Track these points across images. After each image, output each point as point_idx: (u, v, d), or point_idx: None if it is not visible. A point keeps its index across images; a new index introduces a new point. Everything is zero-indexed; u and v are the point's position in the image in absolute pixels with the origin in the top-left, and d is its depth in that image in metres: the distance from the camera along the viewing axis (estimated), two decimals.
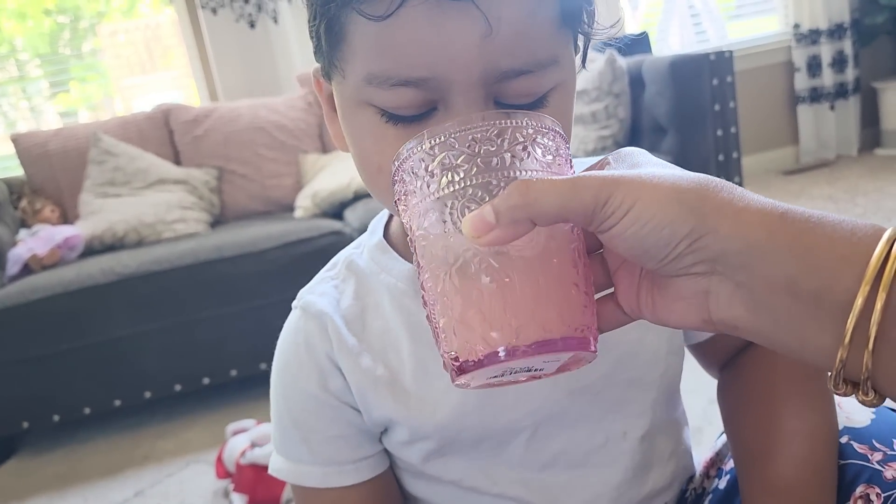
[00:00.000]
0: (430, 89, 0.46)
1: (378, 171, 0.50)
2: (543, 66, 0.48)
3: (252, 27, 3.22)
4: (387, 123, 0.49)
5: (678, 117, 2.34)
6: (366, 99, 0.49)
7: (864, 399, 0.34)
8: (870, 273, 0.31)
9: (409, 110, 0.48)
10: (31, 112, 3.47)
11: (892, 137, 3.91)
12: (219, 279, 2.13)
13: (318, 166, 2.73)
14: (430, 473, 0.64)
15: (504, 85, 0.47)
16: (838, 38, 3.92)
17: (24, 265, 2.27)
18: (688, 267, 0.36)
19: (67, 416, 2.14)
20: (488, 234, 0.36)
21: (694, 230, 0.35)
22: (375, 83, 0.47)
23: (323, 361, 0.62)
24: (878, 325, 0.31)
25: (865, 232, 0.33)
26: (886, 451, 0.55)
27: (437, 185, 0.38)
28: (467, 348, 0.38)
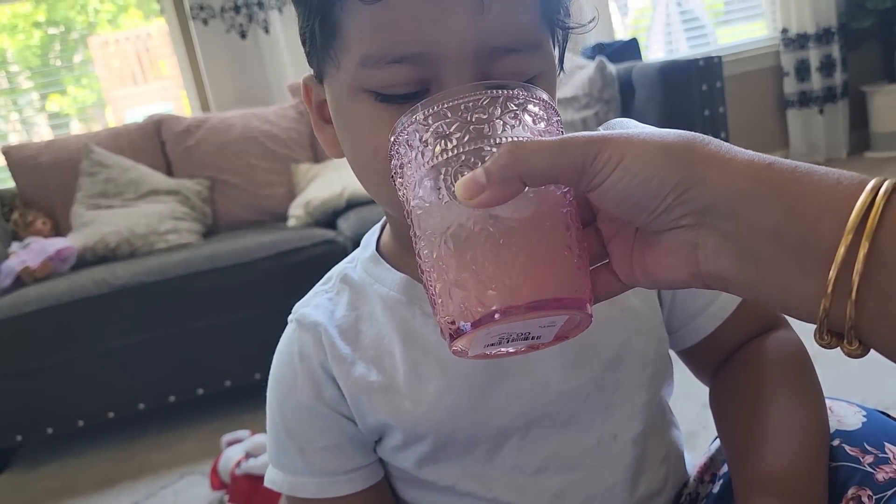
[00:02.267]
0: (424, 66, 0.48)
1: (374, 154, 0.52)
2: (531, 48, 0.51)
3: (243, 38, 3.22)
4: (381, 105, 0.50)
5: (668, 123, 2.35)
6: (360, 84, 0.51)
7: (850, 349, 0.35)
8: (852, 221, 0.32)
9: (403, 88, 0.49)
10: (22, 124, 3.47)
11: (881, 140, 3.94)
12: (212, 289, 2.12)
13: (311, 175, 2.73)
14: (424, 480, 0.64)
15: (494, 63, 0.49)
16: (826, 42, 3.95)
17: (16, 278, 2.26)
18: (677, 219, 0.37)
19: (61, 429, 2.13)
20: (480, 196, 0.36)
21: (682, 180, 0.36)
22: (370, 64, 0.49)
23: (317, 371, 0.63)
24: (860, 274, 0.32)
25: (851, 181, 0.33)
26: (878, 453, 0.56)
27: (430, 153, 0.39)
28: (463, 311, 0.38)
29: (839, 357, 1.43)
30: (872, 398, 1.58)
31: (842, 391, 1.62)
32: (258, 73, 3.27)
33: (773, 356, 0.64)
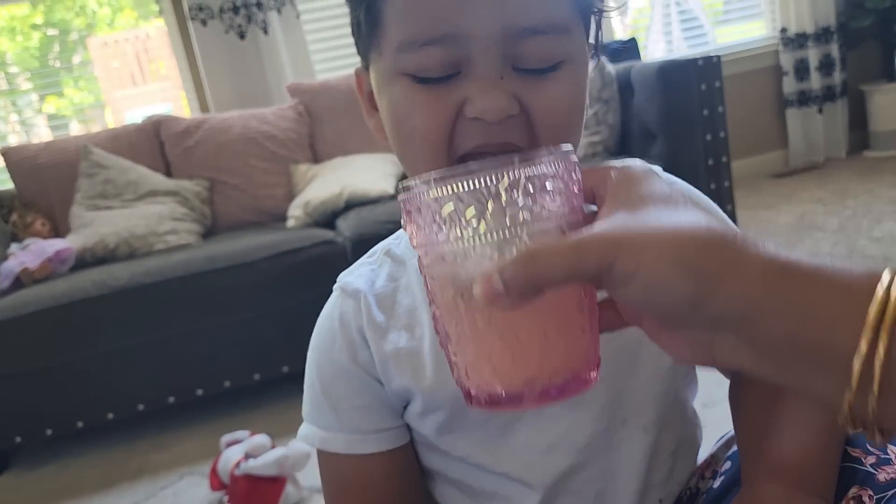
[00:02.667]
0: (455, 48, 0.53)
1: (411, 133, 0.56)
2: (557, 30, 0.54)
3: (242, 38, 3.22)
4: (417, 86, 0.55)
5: (667, 122, 2.35)
6: (399, 68, 0.55)
7: (872, 440, 0.35)
8: (869, 323, 0.32)
9: (437, 71, 0.54)
10: (21, 125, 3.46)
11: (881, 139, 3.95)
12: (211, 290, 2.12)
13: (310, 176, 2.73)
14: (442, 448, 0.67)
15: (521, 45, 0.53)
16: (825, 41, 3.95)
17: (15, 279, 2.26)
18: (691, 325, 0.38)
19: (60, 430, 2.13)
20: (497, 301, 0.37)
21: (695, 295, 0.36)
22: (405, 48, 0.54)
23: (354, 336, 0.67)
24: (882, 369, 0.32)
25: (861, 283, 0.34)
26: (880, 454, 0.56)
27: (445, 235, 0.39)
28: (476, 389, 0.40)
29: None
30: None
31: None
32: (257, 74, 3.27)
33: None
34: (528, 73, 0.54)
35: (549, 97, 0.55)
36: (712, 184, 2.39)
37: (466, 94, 0.54)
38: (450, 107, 0.55)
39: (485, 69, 0.53)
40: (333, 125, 2.87)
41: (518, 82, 0.54)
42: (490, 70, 0.53)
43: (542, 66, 0.54)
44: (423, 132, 0.56)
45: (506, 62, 0.53)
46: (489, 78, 0.53)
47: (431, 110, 0.55)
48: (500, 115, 0.53)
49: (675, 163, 2.35)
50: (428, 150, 0.56)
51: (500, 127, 0.54)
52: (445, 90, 0.54)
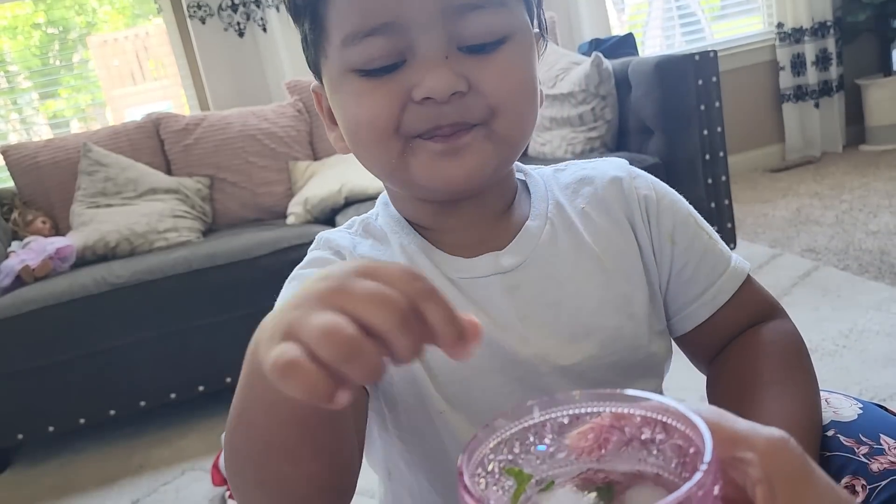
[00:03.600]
0: (396, 35, 0.53)
1: (358, 123, 0.58)
2: (496, 4, 0.55)
3: (241, 36, 3.23)
4: (364, 80, 0.56)
5: (664, 118, 2.36)
6: (345, 65, 0.56)
7: None
8: None
9: (380, 61, 0.55)
10: (21, 124, 3.47)
11: (877, 133, 3.96)
12: (212, 287, 2.13)
13: (309, 173, 2.74)
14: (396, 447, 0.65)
15: (461, 22, 0.54)
16: (821, 36, 3.96)
17: (16, 277, 2.27)
18: None
19: (62, 427, 2.14)
20: None
21: None
22: (349, 42, 0.55)
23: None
24: None
25: None
26: (873, 444, 0.57)
27: None
28: None
29: (836, 349, 1.47)
30: (869, 389, 1.60)
31: (839, 382, 1.65)
32: (256, 72, 3.27)
33: (770, 345, 0.65)
34: (473, 52, 0.55)
35: (498, 71, 0.56)
36: (709, 178, 2.40)
37: (413, 79, 0.55)
38: (397, 94, 0.55)
39: (428, 51, 0.54)
40: None
41: (465, 62, 0.55)
42: (433, 51, 0.54)
43: (486, 41, 0.55)
44: (370, 119, 0.56)
45: (449, 43, 0.54)
46: (433, 59, 0.54)
47: (378, 97, 0.56)
48: (447, 91, 0.54)
49: (672, 158, 2.36)
50: (376, 135, 0.57)
51: (451, 107, 0.55)
52: (392, 80, 0.55)
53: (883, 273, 2.22)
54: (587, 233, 0.66)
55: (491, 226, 0.66)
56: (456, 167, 0.57)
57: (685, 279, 0.67)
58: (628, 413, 0.36)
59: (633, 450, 0.36)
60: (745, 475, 0.36)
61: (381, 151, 0.58)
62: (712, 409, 0.37)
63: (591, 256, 0.65)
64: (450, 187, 0.59)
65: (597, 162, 0.73)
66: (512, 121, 0.58)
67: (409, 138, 0.57)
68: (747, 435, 0.37)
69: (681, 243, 0.67)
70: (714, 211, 2.42)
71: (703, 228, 0.69)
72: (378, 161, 0.60)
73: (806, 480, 0.37)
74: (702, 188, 2.39)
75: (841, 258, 2.42)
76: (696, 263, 0.67)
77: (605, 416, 0.37)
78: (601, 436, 0.36)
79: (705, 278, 0.67)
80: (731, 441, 0.36)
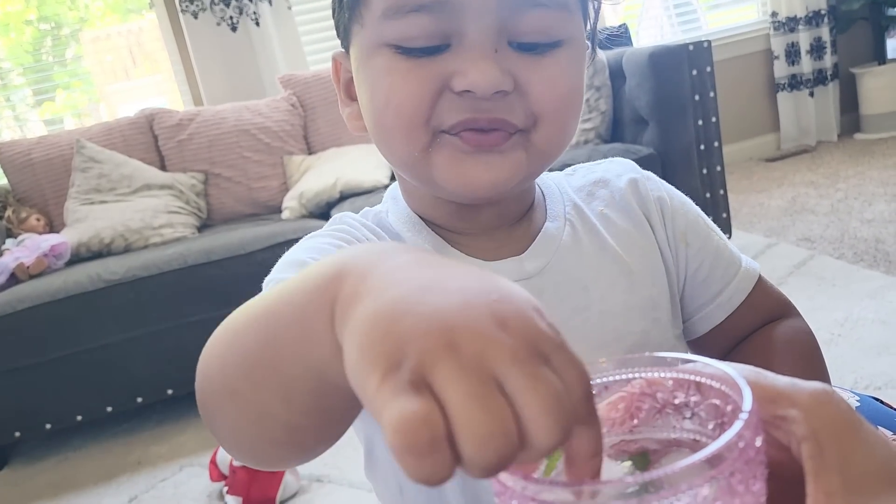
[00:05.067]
0: (444, 16, 0.48)
1: (386, 105, 0.52)
2: (558, 5, 0.51)
3: (234, 31, 3.21)
4: (399, 57, 0.51)
5: (659, 108, 2.36)
6: (382, 38, 0.51)
7: None
8: None
9: (422, 41, 0.50)
10: (15, 121, 3.45)
11: (872, 122, 3.96)
12: (208, 282, 2.13)
13: (304, 167, 2.73)
14: None
15: (519, 17, 0.49)
16: (816, 25, 3.96)
17: (10, 275, 2.26)
18: None
19: (59, 424, 2.14)
20: None
21: None
22: (391, 14, 0.50)
23: (362, 243, 0.60)
24: None
25: None
26: None
27: None
28: None
29: (832, 338, 1.47)
30: (865, 378, 1.60)
31: (835, 371, 1.65)
32: (249, 66, 3.26)
33: (783, 343, 0.64)
34: (525, 51, 0.51)
35: (549, 76, 0.52)
36: (704, 168, 2.40)
37: (455, 67, 0.50)
38: (434, 79, 0.50)
39: (477, 40, 0.49)
40: (327, 116, 2.87)
41: (514, 59, 0.51)
42: (483, 41, 0.50)
43: (540, 41, 0.51)
44: (400, 102, 0.51)
45: (501, 35, 0.50)
46: (482, 50, 0.50)
47: (412, 79, 0.51)
48: (492, 87, 0.49)
49: (667, 148, 2.36)
50: (403, 123, 0.52)
51: (491, 103, 0.51)
52: (431, 63, 0.50)
53: (878, 261, 2.22)
54: (609, 235, 0.64)
55: (509, 231, 0.62)
56: (483, 171, 0.53)
57: (700, 280, 0.66)
58: (659, 378, 0.34)
59: (666, 417, 0.34)
60: (789, 434, 0.34)
61: (404, 140, 0.53)
62: (750, 368, 0.35)
63: (615, 259, 0.63)
64: (472, 192, 0.54)
65: (604, 163, 0.70)
66: (553, 132, 0.54)
67: (438, 132, 0.52)
68: (789, 391, 0.35)
69: (694, 244, 0.66)
70: (709, 201, 2.42)
71: (712, 230, 0.68)
72: (399, 150, 0.55)
73: (854, 434, 0.34)
74: (697, 178, 2.39)
75: (836, 247, 2.42)
76: (711, 265, 0.66)
77: (634, 384, 0.35)
78: (632, 405, 0.35)
79: (720, 280, 0.66)
80: (772, 399, 0.34)
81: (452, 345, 0.25)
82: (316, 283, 0.33)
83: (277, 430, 0.39)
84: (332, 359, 0.31)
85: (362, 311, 0.28)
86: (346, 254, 0.33)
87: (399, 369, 0.25)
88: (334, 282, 0.31)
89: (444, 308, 0.27)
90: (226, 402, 0.42)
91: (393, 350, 0.26)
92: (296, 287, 0.35)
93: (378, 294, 0.28)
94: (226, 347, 0.42)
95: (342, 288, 0.31)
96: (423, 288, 0.28)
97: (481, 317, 0.26)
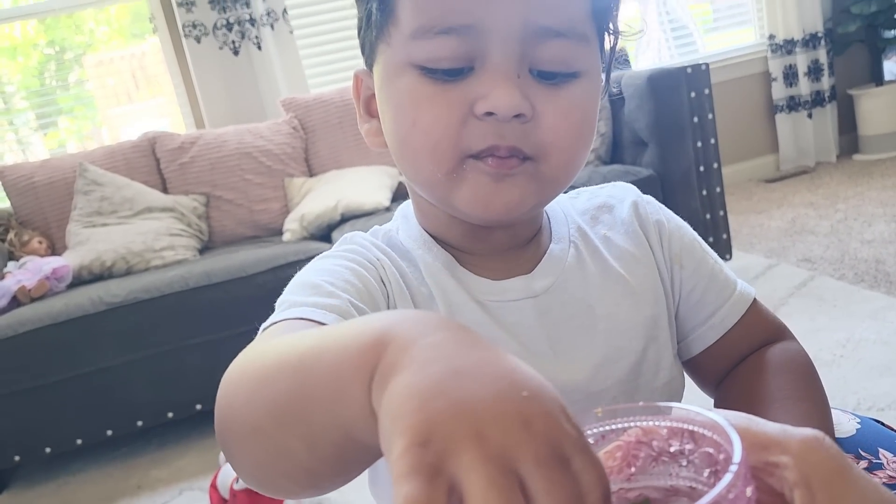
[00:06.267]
0: (470, 39, 0.51)
1: (412, 125, 0.54)
2: (577, 36, 0.53)
3: (236, 54, 3.24)
4: (425, 79, 0.53)
5: (658, 130, 2.38)
6: (409, 58, 0.53)
7: None
8: None
9: (448, 63, 0.52)
10: (18, 144, 3.47)
11: (870, 143, 3.98)
12: (209, 305, 2.13)
13: (305, 190, 2.74)
14: None
15: (541, 46, 0.52)
16: (813, 47, 3.99)
17: (12, 297, 2.26)
18: None
19: (59, 448, 2.13)
20: None
21: None
22: (419, 35, 0.52)
23: (374, 265, 0.61)
24: None
25: None
26: (872, 459, 0.57)
27: None
28: None
29: (833, 359, 1.47)
30: (867, 399, 1.60)
31: (837, 393, 1.65)
32: (251, 90, 3.28)
33: (779, 365, 0.65)
34: (543, 79, 0.53)
35: (563, 107, 0.54)
36: (704, 190, 2.41)
37: (478, 91, 0.52)
38: (459, 104, 0.52)
39: (501, 64, 0.51)
40: (327, 139, 2.89)
41: (534, 87, 0.53)
42: (506, 66, 0.52)
43: (560, 70, 0.53)
44: (428, 125, 0.53)
45: (523, 62, 0.52)
46: (505, 74, 0.52)
47: (439, 103, 0.53)
48: (512, 110, 0.51)
49: (667, 170, 2.37)
50: (431, 145, 0.54)
51: (511, 128, 0.52)
52: (455, 86, 0.52)
53: (879, 282, 2.22)
54: (611, 256, 0.66)
55: (518, 253, 0.64)
56: (498, 195, 0.55)
57: (694, 302, 0.68)
58: (654, 426, 0.35)
59: (663, 464, 0.35)
60: (781, 480, 0.35)
61: (430, 161, 0.55)
62: (740, 415, 0.36)
63: (617, 279, 0.65)
64: (487, 215, 0.56)
65: (607, 188, 0.73)
66: (562, 163, 0.56)
67: (464, 158, 0.54)
68: (779, 438, 0.36)
69: (688, 266, 0.68)
70: (709, 222, 2.43)
71: (708, 253, 0.70)
72: (423, 170, 0.57)
73: (845, 479, 0.35)
74: (696, 199, 2.40)
75: (837, 268, 2.42)
76: (704, 287, 0.68)
77: (631, 433, 0.36)
78: (629, 453, 0.36)
79: (713, 302, 0.68)
80: (763, 445, 0.35)
81: (479, 435, 0.26)
82: (357, 347, 0.34)
83: (296, 469, 0.40)
84: (362, 420, 0.32)
85: (400, 382, 0.30)
86: (388, 320, 0.35)
87: (423, 446, 0.26)
88: (376, 348, 0.33)
89: (475, 397, 0.28)
90: (248, 434, 0.42)
91: (422, 427, 0.27)
92: (334, 345, 0.36)
93: (416, 369, 0.30)
94: (254, 385, 0.42)
95: (383, 356, 0.32)
96: (459, 372, 0.29)
97: (510, 412, 0.27)
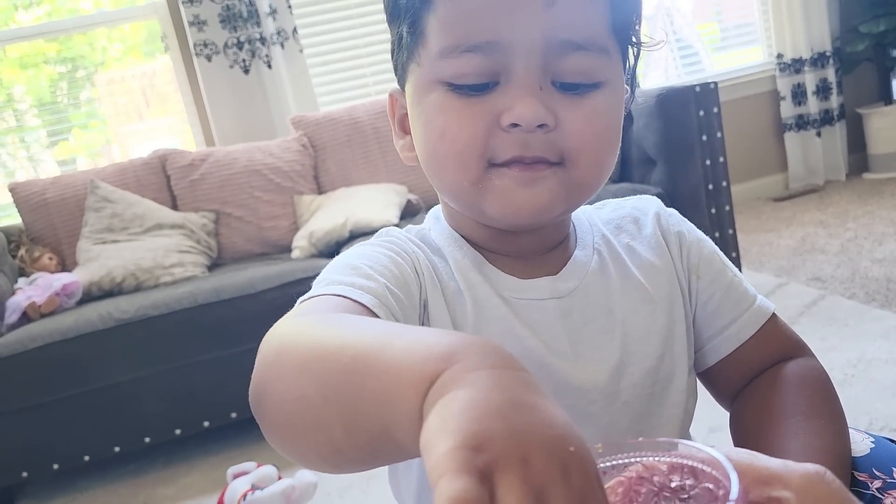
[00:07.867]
0: (495, 56, 0.54)
1: (440, 137, 0.57)
2: (598, 49, 0.55)
3: (246, 73, 3.27)
4: (452, 94, 0.56)
5: (666, 149, 2.38)
6: (437, 76, 0.57)
7: None
8: None
9: (473, 78, 0.55)
10: (29, 161, 3.50)
11: (880, 161, 3.97)
12: (217, 322, 2.13)
13: (314, 207, 2.75)
14: None
15: (562, 59, 0.54)
16: (821, 66, 4.00)
17: (22, 313, 2.27)
18: None
19: (67, 465, 2.12)
20: None
21: None
22: (447, 54, 0.55)
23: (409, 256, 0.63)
24: None
25: None
26: (886, 478, 0.56)
27: None
28: None
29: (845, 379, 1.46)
30: (880, 419, 1.58)
31: (849, 413, 1.62)
32: (261, 108, 3.31)
33: (797, 380, 0.65)
34: (566, 91, 0.55)
35: (587, 115, 0.56)
36: (713, 208, 2.40)
37: (503, 104, 0.55)
38: (485, 116, 0.55)
39: (524, 77, 0.54)
40: (336, 156, 2.90)
41: (557, 98, 0.55)
42: (529, 79, 0.54)
43: (581, 81, 0.55)
44: (455, 135, 0.56)
45: (545, 74, 0.55)
46: (527, 87, 0.54)
47: (466, 116, 0.56)
48: (535, 120, 0.54)
49: (676, 188, 2.37)
50: (456, 153, 0.57)
51: (535, 138, 0.55)
52: (481, 100, 0.55)
53: (890, 301, 2.21)
54: (633, 265, 0.68)
55: (543, 257, 0.67)
56: (528, 199, 0.57)
57: (710, 312, 0.69)
58: (655, 462, 0.36)
59: (664, 500, 0.36)
60: None
61: (458, 171, 0.58)
62: (743, 451, 0.37)
63: (637, 287, 0.66)
64: (517, 219, 0.59)
65: (632, 199, 0.75)
66: (589, 168, 0.59)
67: (490, 166, 0.57)
68: (781, 473, 0.36)
69: (705, 277, 0.69)
70: (718, 241, 2.42)
71: (727, 266, 0.71)
72: (450, 179, 0.60)
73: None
74: (706, 218, 2.39)
75: (847, 286, 2.41)
76: (721, 298, 0.69)
77: (632, 469, 0.36)
78: (630, 489, 0.36)
79: (729, 313, 0.68)
80: (766, 480, 0.36)
81: (525, 461, 0.28)
82: (424, 354, 0.35)
83: (326, 445, 0.42)
84: (407, 422, 0.34)
85: (462, 395, 0.31)
86: (461, 339, 0.36)
87: (474, 451, 0.28)
88: (444, 360, 0.34)
89: (530, 430, 0.30)
90: (291, 400, 0.45)
91: (477, 435, 0.29)
92: (401, 345, 0.37)
93: (482, 389, 0.31)
94: (309, 356, 0.44)
95: (448, 370, 0.34)
96: (521, 405, 0.31)
97: (555, 456, 0.29)
